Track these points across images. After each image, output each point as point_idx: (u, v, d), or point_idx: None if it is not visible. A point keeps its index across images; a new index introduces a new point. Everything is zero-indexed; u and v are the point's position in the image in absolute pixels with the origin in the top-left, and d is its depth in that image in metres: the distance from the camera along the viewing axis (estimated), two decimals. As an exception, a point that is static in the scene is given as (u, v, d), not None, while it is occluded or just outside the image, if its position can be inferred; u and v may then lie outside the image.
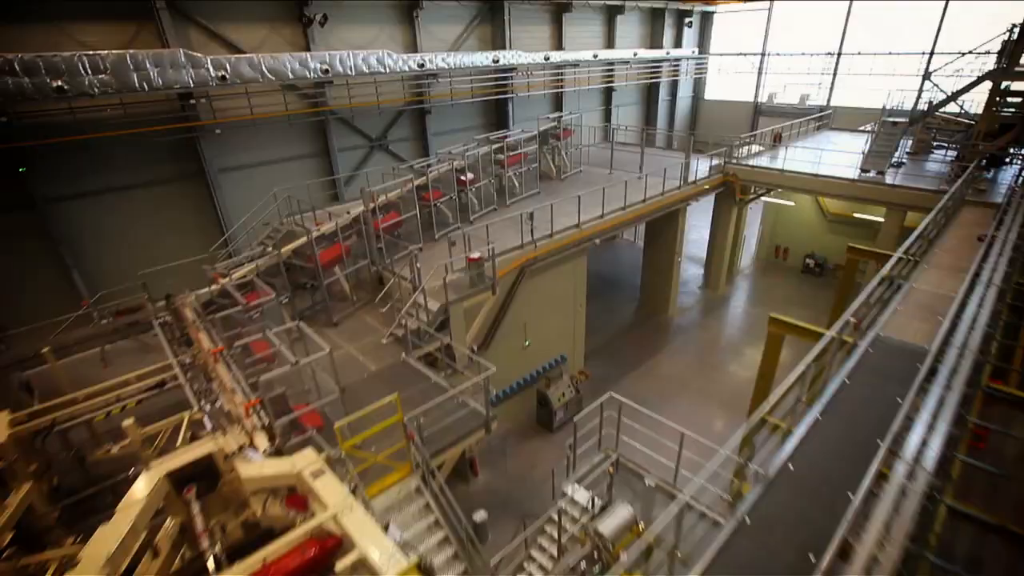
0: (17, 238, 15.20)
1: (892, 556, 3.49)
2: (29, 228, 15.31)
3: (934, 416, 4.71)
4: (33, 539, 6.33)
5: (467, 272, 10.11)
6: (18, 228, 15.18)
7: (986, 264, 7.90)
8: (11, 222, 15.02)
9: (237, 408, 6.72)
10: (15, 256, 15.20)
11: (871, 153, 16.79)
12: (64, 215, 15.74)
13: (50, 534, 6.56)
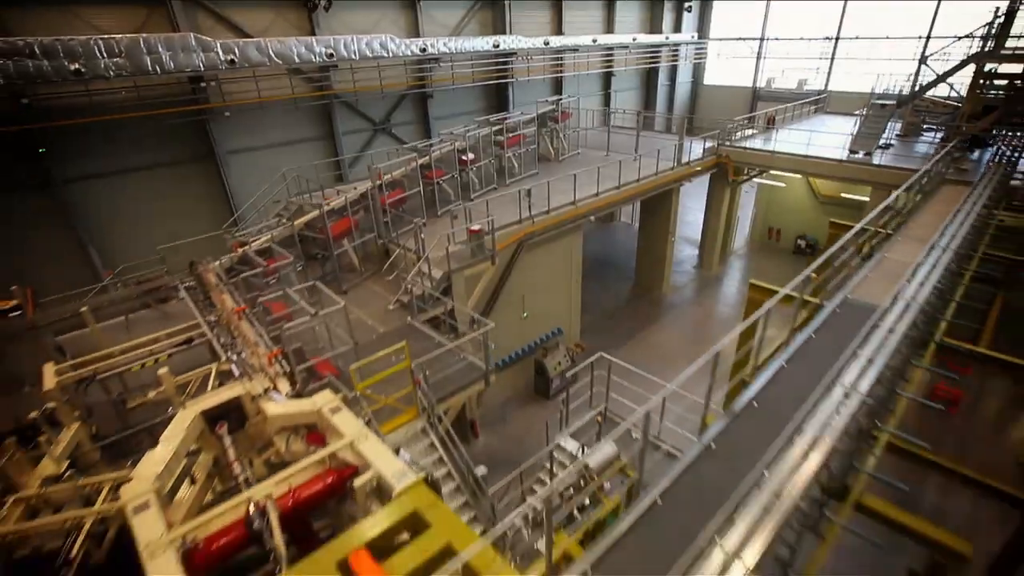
0: (36, 216, 15.87)
1: (819, 454, 4.21)
2: (48, 206, 15.98)
3: (870, 358, 5.39)
4: (82, 472, 7.10)
5: (468, 244, 10.78)
6: (37, 206, 15.84)
7: (946, 232, 8.55)
8: (31, 201, 15.69)
9: (260, 359, 7.45)
10: (35, 233, 15.87)
11: (859, 134, 17.34)
12: (80, 194, 16.39)
13: (96, 469, 7.32)
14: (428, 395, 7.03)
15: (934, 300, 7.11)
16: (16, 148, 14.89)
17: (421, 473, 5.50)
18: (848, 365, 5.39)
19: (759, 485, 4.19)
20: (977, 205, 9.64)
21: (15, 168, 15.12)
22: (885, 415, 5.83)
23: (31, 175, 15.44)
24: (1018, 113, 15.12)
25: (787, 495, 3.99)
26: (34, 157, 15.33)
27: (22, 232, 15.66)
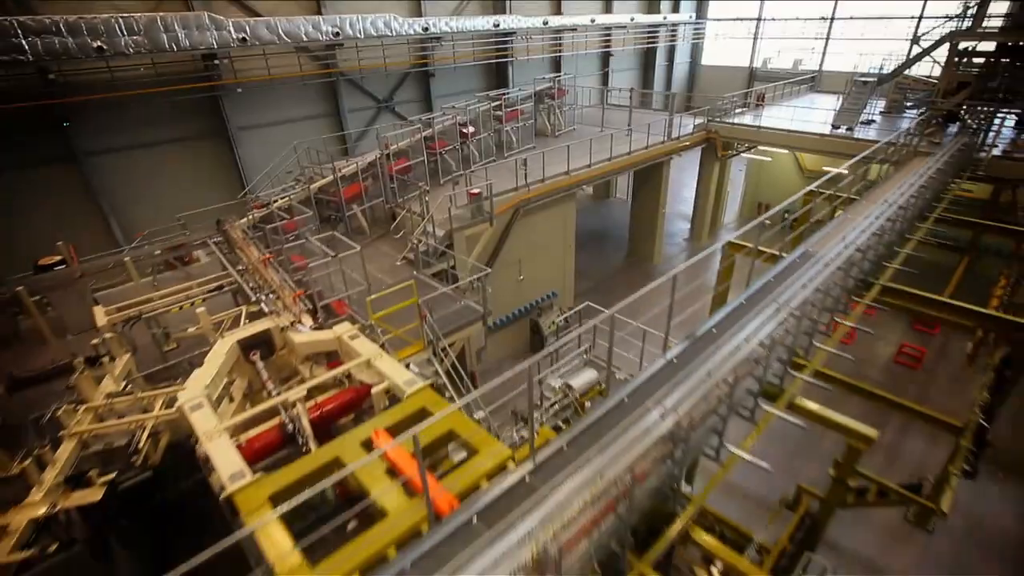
0: (62, 187, 16.84)
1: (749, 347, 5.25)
2: (72, 178, 16.95)
3: (804, 284, 6.41)
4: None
5: (468, 207, 11.76)
6: (62, 178, 16.81)
7: (896, 191, 9.51)
8: (56, 173, 16.66)
9: (286, 298, 8.50)
10: (61, 203, 16.86)
11: (842, 110, 18.17)
12: (101, 167, 17.34)
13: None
14: (433, 328, 8.08)
15: (877, 247, 8.10)
16: (43, 122, 15.81)
17: (428, 380, 6.60)
18: (786, 291, 6.41)
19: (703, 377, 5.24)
20: (930, 170, 10.56)
21: (42, 141, 16.07)
22: (817, 333, 6.87)
23: (56, 148, 16.39)
24: (989, 89, 15.94)
25: (720, 380, 5.05)
26: (59, 130, 16.27)
27: (50, 202, 16.65)
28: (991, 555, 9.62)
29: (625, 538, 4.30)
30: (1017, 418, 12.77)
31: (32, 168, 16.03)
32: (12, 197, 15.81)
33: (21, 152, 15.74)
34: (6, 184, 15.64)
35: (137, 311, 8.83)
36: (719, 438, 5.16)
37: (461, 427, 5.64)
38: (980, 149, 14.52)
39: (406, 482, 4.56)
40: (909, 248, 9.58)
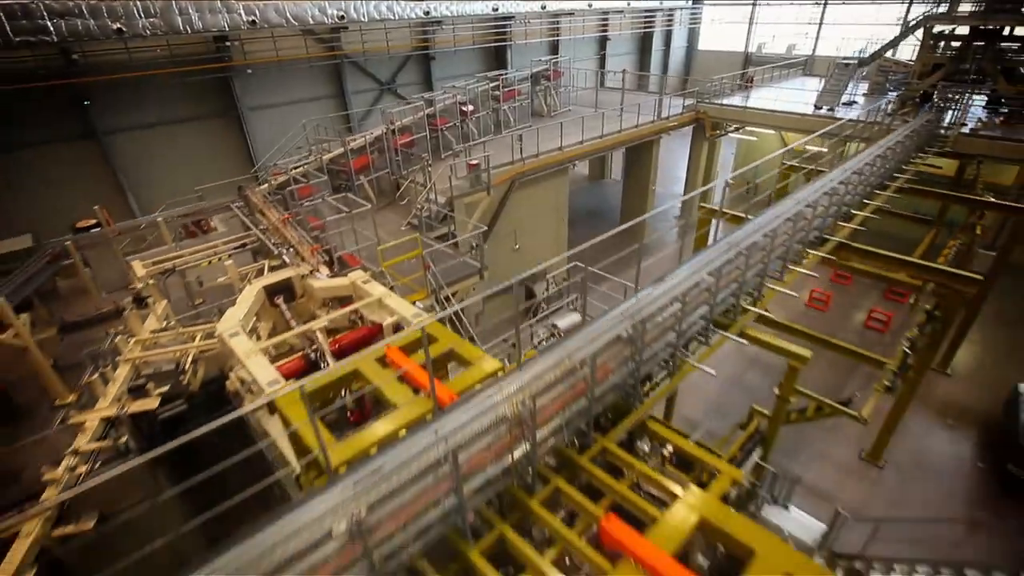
0: (83, 163, 17.85)
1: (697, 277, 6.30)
2: (92, 155, 17.95)
3: (756, 230, 7.45)
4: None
5: (467, 177, 12.76)
6: (83, 155, 17.81)
7: (855, 161, 10.52)
8: (78, 149, 17.66)
9: (304, 252, 9.55)
10: (82, 178, 17.87)
11: (824, 91, 19.06)
12: (119, 144, 18.33)
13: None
14: (436, 276, 9.14)
15: (828, 205, 9.13)
16: (66, 100, 16.77)
17: (432, 314, 7.68)
18: (740, 240, 7.45)
19: (658, 296, 6.29)
20: (889, 143, 11.54)
21: (66, 119, 17.05)
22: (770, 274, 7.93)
23: (78, 126, 17.37)
24: (961, 71, 16.82)
25: (673, 299, 6.10)
26: (81, 109, 17.24)
27: (72, 176, 17.65)
28: (932, 487, 10.78)
29: (591, 419, 5.38)
30: (968, 376, 13.91)
31: (58, 144, 17.03)
32: (43, 170, 16.82)
33: (48, 129, 16.74)
34: (35, 158, 16.67)
35: (171, 264, 9.90)
36: (674, 351, 6.23)
37: (459, 347, 6.70)
38: (948, 127, 15.42)
39: (415, 387, 5.59)
40: (868, 211, 10.59)
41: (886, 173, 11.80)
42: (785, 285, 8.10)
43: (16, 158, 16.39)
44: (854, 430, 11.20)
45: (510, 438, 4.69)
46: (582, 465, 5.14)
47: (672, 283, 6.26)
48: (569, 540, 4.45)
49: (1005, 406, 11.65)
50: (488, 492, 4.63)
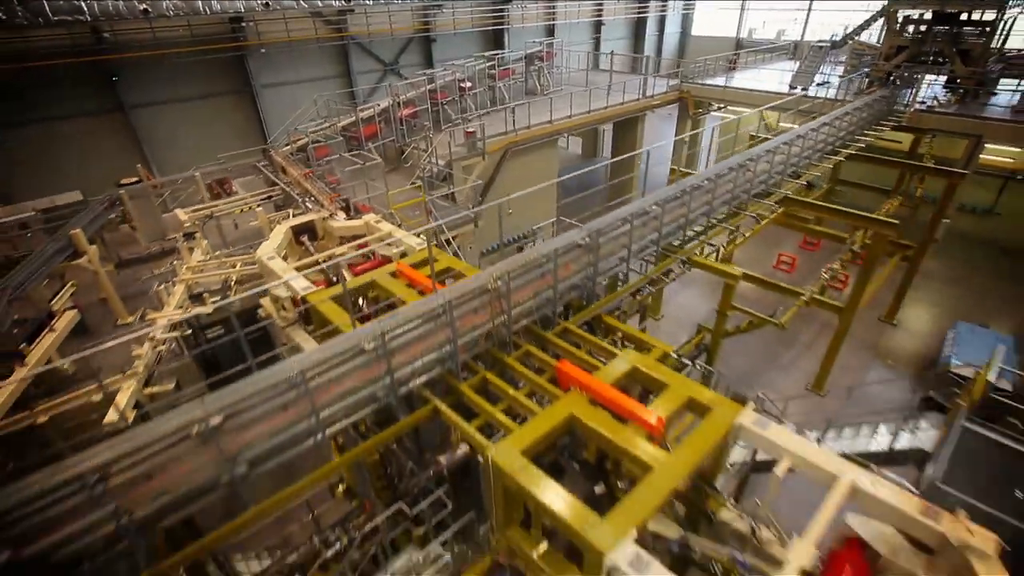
0: (111, 135, 19.38)
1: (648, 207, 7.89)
2: (120, 127, 19.49)
3: (706, 179, 9.03)
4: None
5: (465, 144, 14.30)
6: (111, 127, 19.35)
7: (804, 126, 12.06)
8: (107, 122, 19.18)
9: (324, 200, 11.13)
10: (110, 149, 19.40)
11: (799, 72, 20.49)
12: (143, 118, 19.84)
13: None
14: (438, 218, 10.73)
15: (772, 161, 10.69)
16: (97, 76, 18.26)
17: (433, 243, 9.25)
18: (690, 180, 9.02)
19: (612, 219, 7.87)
20: (837, 114, 13.07)
21: (95, 93, 18.55)
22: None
23: (107, 100, 18.88)
24: (922, 52, 18.26)
25: (621, 220, 7.69)
26: (109, 84, 18.73)
27: (103, 146, 19.20)
28: (865, 410, 12.46)
29: (556, 308, 6.99)
30: (912, 326, 15.55)
31: (90, 116, 18.56)
32: (78, 139, 18.38)
33: (81, 102, 18.27)
34: (73, 130, 18.22)
35: (209, 212, 11.49)
36: (626, 264, 7.84)
37: (456, 264, 8.31)
38: (906, 104, 16.88)
39: (420, 290, 7.17)
40: (817, 171, 12.17)
41: (837, 141, 13.32)
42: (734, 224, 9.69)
43: (56, 128, 17.96)
44: (805, 366, 12.87)
45: (492, 310, 6.32)
46: (547, 338, 6.77)
47: (624, 209, 7.84)
48: (535, 381, 6.09)
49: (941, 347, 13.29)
50: (475, 349, 6.27)
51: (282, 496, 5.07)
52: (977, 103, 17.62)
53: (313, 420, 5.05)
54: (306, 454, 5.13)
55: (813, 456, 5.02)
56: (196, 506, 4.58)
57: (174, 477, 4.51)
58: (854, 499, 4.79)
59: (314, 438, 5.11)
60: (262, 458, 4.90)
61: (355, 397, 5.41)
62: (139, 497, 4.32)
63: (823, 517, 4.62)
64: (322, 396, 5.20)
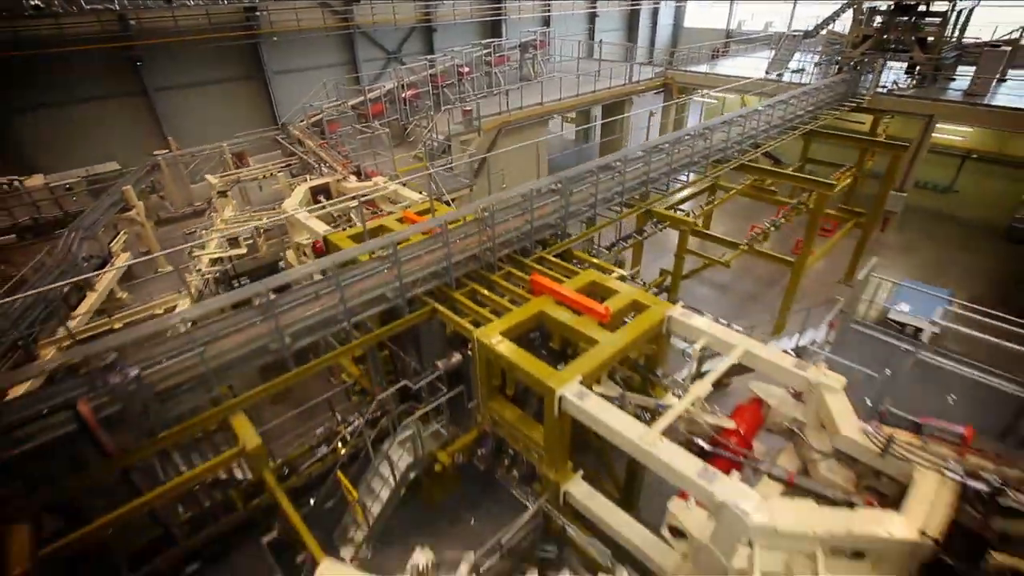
0: (135, 116, 20.90)
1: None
2: (143, 109, 21.00)
3: (669, 142, 10.59)
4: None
5: (462, 122, 15.85)
6: (136, 109, 20.87)
7: (761, 104, 13.59)
8: (131, 104, 20.70)
9: (337, 166, 12.70)
10: (135, 127, 20.89)
11: (774, 60, 21.98)
12: (165, 100, 21.33)
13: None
14: (438, 184, 12.29)
15: (732, 135, 12.24)
16: (122, 62, 19.75)
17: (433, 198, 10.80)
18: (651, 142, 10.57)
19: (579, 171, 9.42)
20: (791, 94, 14.59)
21: (122, 77, 20.06)
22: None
23: (133, 84, 20.39)
24: (885, 40, 19.75)
25: (590, 176, 9.25)
26: (134, 69, 20.23)
27: (127, 125, 20.71)
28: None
29: (532, 240, 8.57)
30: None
31: (117, 98, 20.09)
32: (105, 119, 19.91)
33: (109, 86, 19.78)
34: (101, 110, 19.75)
35: (236, 177, 13.07)
36: (594, 209, 9.40)
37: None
38: (868, 88, 18.38)
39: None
40: (779, 144, 13.72)
41: (796, 118, 14.86)
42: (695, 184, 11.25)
43: (87, 109, 19.51)
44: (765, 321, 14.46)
45: (480, 238, 7.91)
46: (525, 262, 8.35)
47: (592, 163, 9.40)
48: (514, 291, 7.69)
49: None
50: (465, 267, 7.87)
51: (312, 364, 6.68)
52: (935, 87, 19.10)
53: (341, 308, 6.63)
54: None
55: (722, 334, 6.64)
56: (258, 362, 6.17)
57: (241, 339, 6.11)
58: (748, 360, 6.40)
59: (342, 324, 6.69)
60: (302, 333, 6.49)
61: (372, 295, 6.99)
62: (223, 348, 5.93)
63: (723, 366, 6.24)
64: (347, 292, 6.76)
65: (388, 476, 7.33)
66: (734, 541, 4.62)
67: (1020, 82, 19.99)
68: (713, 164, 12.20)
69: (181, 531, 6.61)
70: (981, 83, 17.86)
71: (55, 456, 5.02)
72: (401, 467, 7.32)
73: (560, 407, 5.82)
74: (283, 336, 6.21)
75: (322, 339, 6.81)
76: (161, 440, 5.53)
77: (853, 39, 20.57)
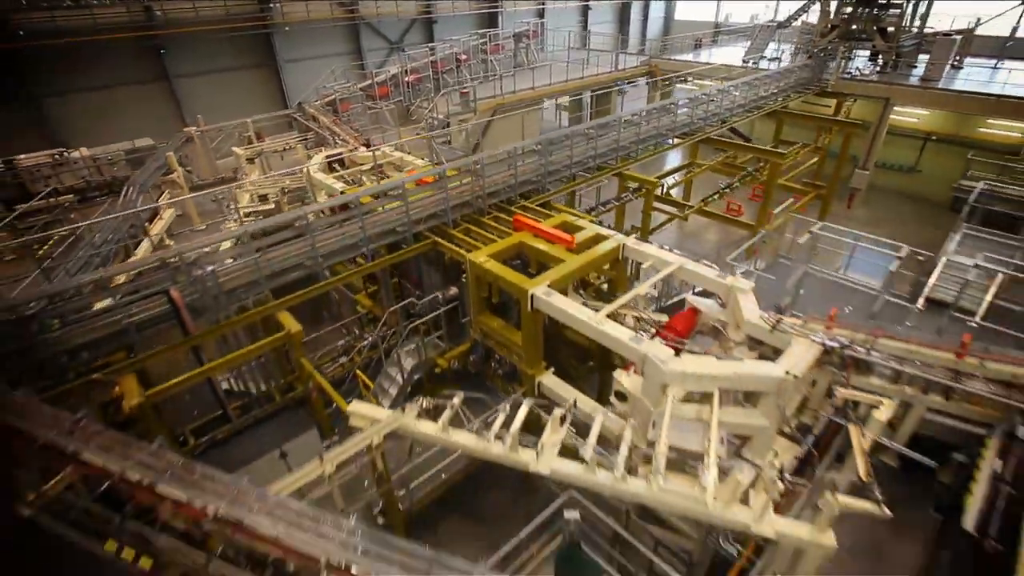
0: (158, 100, 22.56)
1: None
2: (166, 94, 22.66)
3: (635, 114, 12.28)
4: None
5: (460, 102, 17.54)
6: (159, 93, 22.53)
7: (724, 85, 15.27)
8: (155, 89, 22.35)
9: (349, 139, 14.38)
10: (157, 110, 22.54)
11: (750, 49, 23.62)
12: (185, 87, 22.98)
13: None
14: (439, 154, 13.99)
15: (697, 111, 13.91)
16: (147, 49, 21.41)
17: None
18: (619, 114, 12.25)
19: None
20: (753, 77, 16.27)
21: (147, 64, 21.71)
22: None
23: (156, 70, 22.05)
24: (850, 30, 21.39)
25: (566, 140, 10.94)
26: (158, 57, 21.89)
27: (150, 110, 22.38)
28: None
29: (516, 192, 10.27)
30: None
31: (142, 84, 21.77)
32: (131, 103, 21.58)
33: (136, 72, 21.45)
34: (127, 95, 21.42)
35: (259, 149, 14.77)
36: (571, 170, 11.10)
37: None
38: (832, 74, 20.02)
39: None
40: (737, 120, 15.40)
41: (761, 100, 16.54)
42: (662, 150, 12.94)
43: (115, 93, 21.20)
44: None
45: (472, 187, 9.61)
46: (510, 208, 10.06)
47: (568, 129, 11.10)
48: (499, 228, 9.39)
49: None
50: (460, 211, 9.58)
51: (340, 278, 8.40)
52: (895, 73, 20.75)
53: (361, 235, 8.35)
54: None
55: (664, 255, 8.37)
56: (296, 274, 7.89)
57: (283, 254, 7.83)
58: (682, 274, 8.12)
59: (361, 250, 8.40)
60: (329, 256, 8.21)
61: (385, 228, 8.71)
62: (270, 259, 7.65)
63: (660, 275, 7.96)
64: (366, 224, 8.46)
65: (396, 376, 9.06)
66: (657, 388, 6.34)
67: (975, 69, 21.68)
68: (681, 136, 13.90)
69: (234, 414, 8.36)
70: (934, 68, 19.53)
71: (151, 328, 6.76)
72: (407, 368, 9.06)
73: (532, 304, 7.53)
74: (317, 255, 7.94)
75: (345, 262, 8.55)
76: (226, 325, 7.27)
77: (821, 29, 22.21)
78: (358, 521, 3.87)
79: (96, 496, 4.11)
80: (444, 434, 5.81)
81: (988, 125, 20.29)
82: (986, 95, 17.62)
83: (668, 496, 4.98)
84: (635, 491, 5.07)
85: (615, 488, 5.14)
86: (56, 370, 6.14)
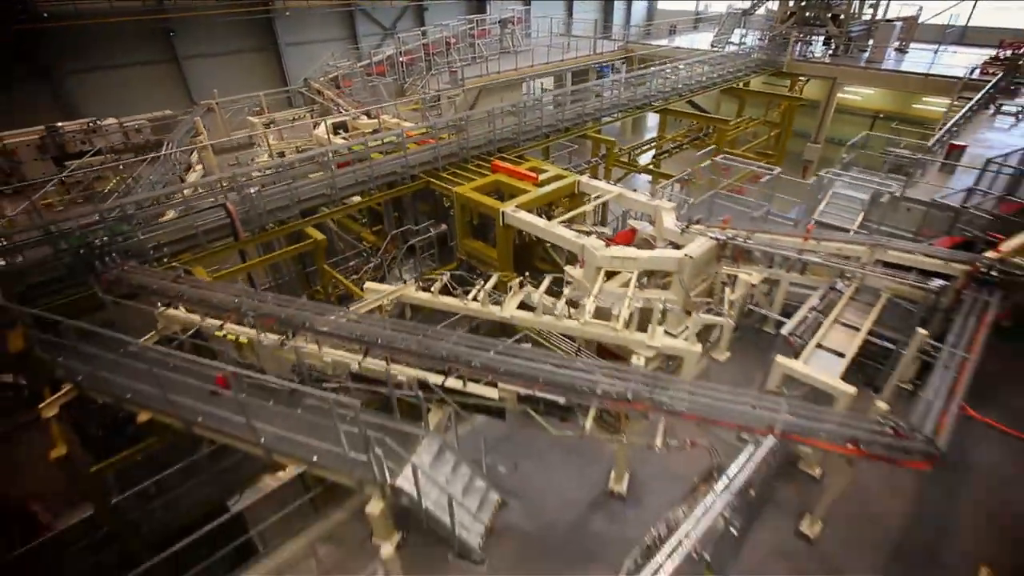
0: (168, 80, 24.34)
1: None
2: (175, 74, 24.44)
3: (598, 85, 14.40)
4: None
5: (450, 80, 19.57)
6: (168, 74, 24.30)
7: (680, 63, 17.42)
8: (165, 69, 24.13)
9: (352, 109, 16.38)
10: (166, 91, 24.31)
11: (718, 34, 25.77)
12: (193, 68, 24.76)
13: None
14: (434, 127, 16.03)
15: (655, 85, 16.03)
16: (158, 32, 23.18)
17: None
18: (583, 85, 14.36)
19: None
20: (708, 56, 18.41)
21: (158, 45, 23.49)
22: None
23: (166, 52, 23.82)
24: (807, 18, 23.58)
25: (537, 103, 13.04)
26: (168, 39, 23.67)
27: (160, 89, 24.16)
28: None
29: (495, 146, 12.38)
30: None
31: (154, 64, 23.56)
32: (143, 82, 23.38)
33: (148, 52, 23.23)
34: (140, 75, 23.21)
35: (271, 118, 16.75)
36: (541, 131, 13.20)
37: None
38: (785, 56, 22.20)
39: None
40: (700, 94, 17.57)
41: (716, 76, 18.71)
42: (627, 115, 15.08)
43: (129, 72, 22.97)
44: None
45: (457, 137, 11.72)
46: (489, 159, 12.17)
47: (540, 94, 13.20)
48: (480, 172, 11.51)
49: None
50: (449, 159, 11.68)
51: (352, 206, 10.51)
52: (846, 56, 22.96)
53: (369, 173, 10.45)
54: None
55: (609, 187, 10.54)
56: (317, 202, 9.97)
57: (308, 182, 9.92)
58: (621, 200, 10.29)
59: (366, 187, 10.49)
60: (344, 190, 10.30)
61: (385, 170, 10.81)
62: (300, 185, 9.74)
63: (603, 200, 10.14)
64: (373, 165, 10.55)
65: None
66: (592, 270, 8.51)
67: (919, 53, 23.95)
68: (638, 107, 16.04)
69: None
70: (878, 51, 21.79)
71: (209, 234, 8.85)
72: (407, 280, 11.19)
73: (504, 220, 9.68)
74: (335, 185, 10.05)
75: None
76: (267, 234, 9.37)
77: (781, 15, 24.38)
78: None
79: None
80: (436, 299, 7.96)
81: (923, 102, 22.61)
82: (916, 74, 19.90)
83: (591, 328, 7.16)
84: (568, 325, 7.25)
85: (555, 324, 7.32)
86: (146, 261, 8.22)
